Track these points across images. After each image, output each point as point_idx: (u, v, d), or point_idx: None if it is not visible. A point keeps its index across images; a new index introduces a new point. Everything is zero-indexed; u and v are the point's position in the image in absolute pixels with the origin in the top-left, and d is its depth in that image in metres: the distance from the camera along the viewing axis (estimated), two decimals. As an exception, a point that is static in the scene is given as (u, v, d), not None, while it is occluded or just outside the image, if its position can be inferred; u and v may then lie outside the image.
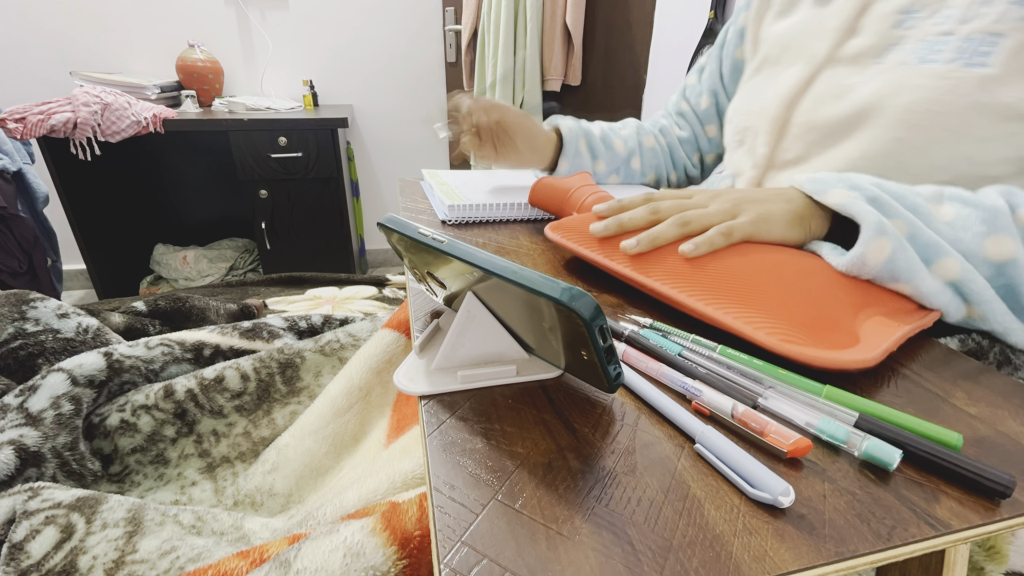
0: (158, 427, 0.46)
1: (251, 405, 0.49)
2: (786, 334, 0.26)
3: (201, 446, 0.47)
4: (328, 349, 0.52)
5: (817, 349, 0.25)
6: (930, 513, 0.18)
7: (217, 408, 0.48)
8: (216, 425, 0.48)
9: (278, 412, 0.49)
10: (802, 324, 0.26)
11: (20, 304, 0.55)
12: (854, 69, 0.40)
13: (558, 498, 0.18)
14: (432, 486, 0.18)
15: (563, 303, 0.18)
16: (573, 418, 0.22)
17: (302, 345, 0.53)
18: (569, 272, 0.37)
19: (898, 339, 0.27)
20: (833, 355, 0.24)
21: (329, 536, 0.31)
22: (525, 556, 0.16)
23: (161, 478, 0.46)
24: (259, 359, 0.51)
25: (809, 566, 0.16)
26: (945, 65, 0.34)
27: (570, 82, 1.65)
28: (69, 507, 0.37)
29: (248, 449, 0.48)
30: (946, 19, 0.36)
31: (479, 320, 0.24)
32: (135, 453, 0.45)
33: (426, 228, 0.24)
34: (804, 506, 0.18)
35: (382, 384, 0.47)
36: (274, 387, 0.50)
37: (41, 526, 0.36)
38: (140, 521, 0.38)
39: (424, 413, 0.22)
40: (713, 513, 0.18)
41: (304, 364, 0.51)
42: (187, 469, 0.46)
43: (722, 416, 0.22)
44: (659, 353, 0.26)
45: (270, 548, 0.35)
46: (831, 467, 0.20)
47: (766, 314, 0.27)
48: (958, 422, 0.23)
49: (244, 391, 0.49)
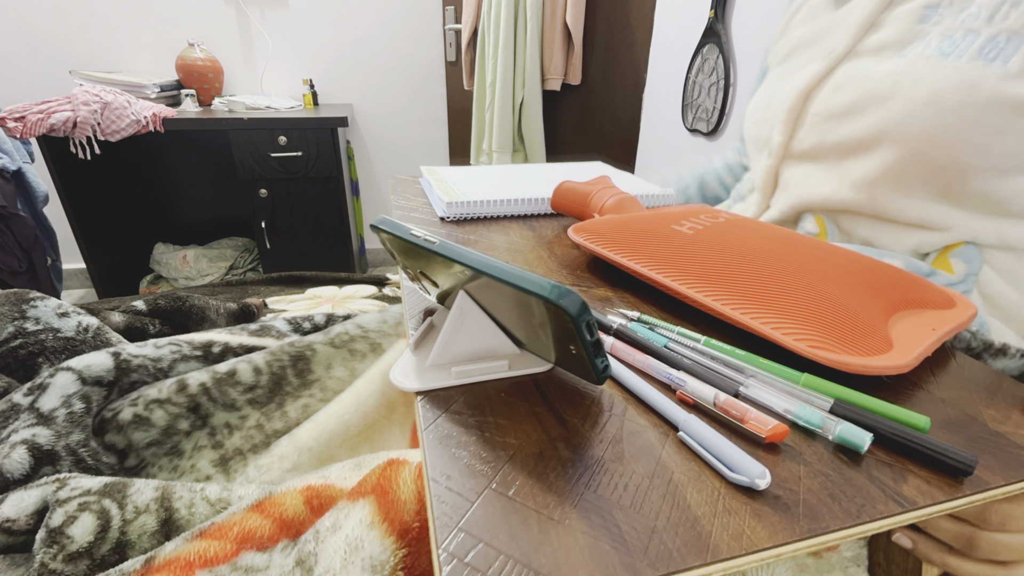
0: (172, 421, 0.47)
1: (264, 398, 0.49)
2: (817, 340, 0.25)
3: (214, 438, 0.48)
4: (338, 341, 0.53)
5: (849, 355, 0.25)
6: (898, 492, 0.19)
7: (230, 402, 0.48)
8: (229, 418, 0.49)
9: (291, 405, 0.50)
10: (833, 328, 0.26)
11: (20, 303, 0.56)
12: (874, 60, 0.40)
13: (549, 485, 0.19)
14: (430, 477, 0.19)
15: (551, 301, 0.19)
16: (563, 410, 0.23)
17: (312, 338, 0.53)
18: (574, 270, 0.38)
19: (933, 343, 0.26)
20: (864, 361, 0.24)
21: (333, 535, 0.32)
22: (518, 540, 0.17)
23: (175, 470, 0.47)
24: (271, 353, 0.52)
25: (783, 542, 0.17)
26: (968, 62, 0.35)
27: (570, 81, 1.66)
28: (99, 493, 0.38)
29: (261, 441, 0.49)
30: (973, 17, 0.36)
31: (471, 318, 0.25)
32: (151, 447, 0.46)
33: (418, 229, 0.25)
34: (780, 488, 0.19)
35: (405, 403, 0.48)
36: (286, 380, 0.50)
37: (77, 512, 0.37)
38: (170, 504, 0.39)
39: (420, 409, 0.23)
40: (695, 496, 0.19)
41: (315, 357, 0.52)
42: (200, 460, 0.47)
43: (705, 404, 0.23)
44: (645, 345, 0.27)
45: (285, 503, 0.37)
46: (807, 451, 0.21)
47: (797, 319, 0.27)
48: (929, 406, 0.24)
49: (257, 384, 0.49)
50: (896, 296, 0.31)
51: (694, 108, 1.22)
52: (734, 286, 0.30)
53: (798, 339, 0.26)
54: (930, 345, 0.26)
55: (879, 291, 0.31)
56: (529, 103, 1.62)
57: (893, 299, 0.31)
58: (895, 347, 0.26)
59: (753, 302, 0.28)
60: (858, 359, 0.24)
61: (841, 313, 0.28)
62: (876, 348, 0.26)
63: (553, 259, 0.40)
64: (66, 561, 0.36)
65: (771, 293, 0.29)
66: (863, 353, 0.25)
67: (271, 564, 0.35)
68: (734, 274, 0.31)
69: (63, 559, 0.36)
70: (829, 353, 0.24)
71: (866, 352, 0.25)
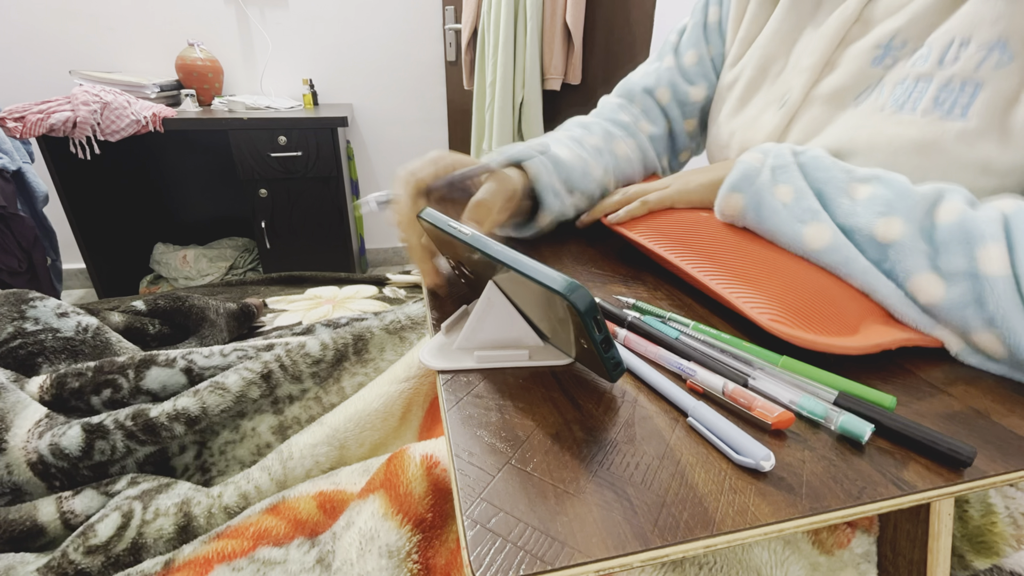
0: (245, 388, 0.50)
1: (325, 373, 0.53)
2: (780, 316, 0.28)
3: (276, 405, 0.51)
4: (392, 328, 0.57)
5: (804, 332, 0.27)
6: (899, 477, 0.20)
7: (297, 374, 0.52)
8: (292, 389, 0.52)
9: (347, 381, 0.53)
10: (799, 310, 0.28)
11: (20, 303, 0.57)
12: (828, 109, 0.39)
13: (565, 463, 0.20)
14: (453, 453, 0.20)
15: (562, 294, 0.20)
16: (578, 396, 0.24)
17: (369, 323, 0.57)
18: (586, 266, 0.39)
19: (900, 340, 0.28)
20: (816, 338, 0.26)
21: (347, 531, 0.33)
22: (536, 510, 0.18)
23: (237, 430, 0.50)
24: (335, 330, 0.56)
25: (785, 519, 0.18)
26: (923, 117, 0.33)
27: (570, 81, 1.67)
28: (133, 497, 0.41)
29: (317, 413, 0.52)
30: (923, 59, 0.34)
31: (498, 307, 0.27)
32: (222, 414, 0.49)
33: (455, 222, 0.26)
34: (785, 470, 0.20)
35: None
36: (347, 358, 0.54)
37: (110, 511, 0.40)
38: (189, 510, 0.41)
39: (443, 390, 0.24)
40: (702, 476, 0.20)
41: (373, 339, 0.56)
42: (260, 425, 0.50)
43: (714, 393, 0.24)
44: (658, 337, 0.28)
45: (299, 507, 0.38)
46: (812, 438, 0.22)
47: (771, 298, 0.29)
48: (935, 400, 0.25)
49: (323, 359, 0.53)
50: None
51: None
52: (725, 266, 0.32)
53: (761, 313, 0.28)
54: (894, 340, 0.28)
55: None
56: (529, 103, 1.63)
57: None
58: (859, 333, 0.28)
59: (736, 280, 0.31)
60: (810, 335, 0.26)
61: (818, 299, 0.29)
62: (839, 331, 0.27)
63: (567, 255, 0.41)
64: (85, 553, 0.37)
65: (755, 275, 0.31)
66: (821, 333, 0.27)
67: (288, 558, 0.36)
68: (730, 256, 0.33)
69: (83, 551, 0.36)
70: (783, 327, 0.27)
71: (826, 333, 0.27)
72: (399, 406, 0.47)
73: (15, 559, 0.37)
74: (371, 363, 0.54)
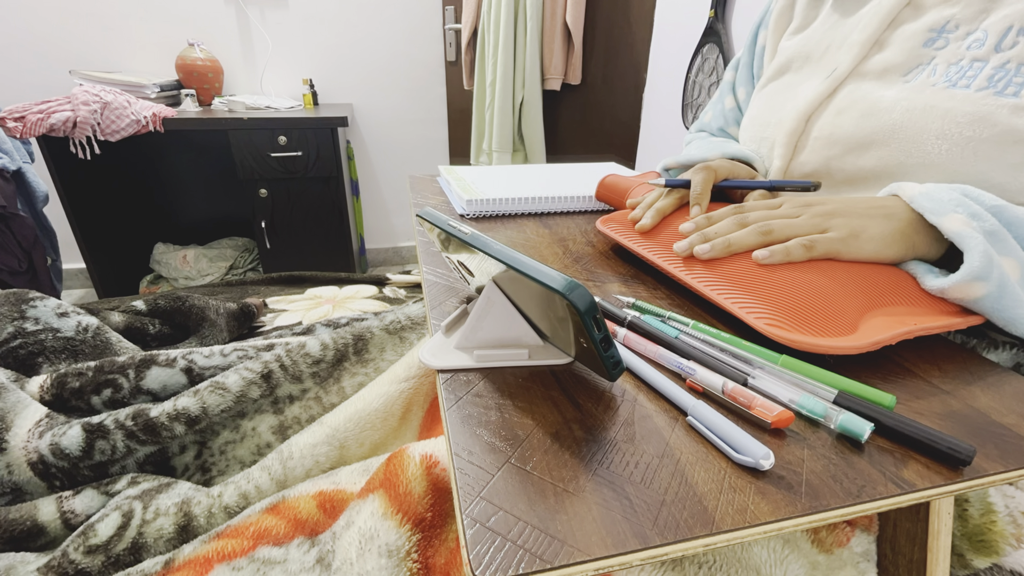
0: (245, 388, 0.49)
1: (325, 373, 0.53)
2: (776, 319, 0.28)
3: (276, 405, 0.51)
4: (392, 328, 0.57)
5: (801, 335, 0.27)
6: (898, 475, 0.20)
7: (297, 374, 0.51)
8: (292, 389, 0.51)
9: (347, 381, 0.53)
10: (797, 312, 0.28)
11: (20, 303, 0.57)
12: (879, 84, 0.39)
13: (564, 462, 0.20)
14: (453, 451, 0.20)
15: (562, 293, 0.20)
16: (578, 395, 0.24)
17: (369, 323, 0.57)
18: (587, 266, 0.39)
19: (900, 335, 0.28)
20: (813, 340, 0.26)
21: (347, 530, 0.33)
22: (536, 508, 0.18)
23: (237, 430, 0.49)
24: (335, 330, 0.56)
25: (784, 518, 0.18)
26: (976, 92, 0.34)
27: (570, 81, 1.67)
28: (134, 497, 0.41)
29: (317, 413, 0.51)
30: (979, 43, 0.35)
31: (498, 306, 0.27)
32: (222, 414, 0.49)
33: (455, 221, 0.27)
34: (784, 469, 0.20)
35: None
36: (347, 358, 0.54)
37: (110, 511, 0.40)
38: (189, 509, 0.41)
39: (443, 389, 0.24)
40: (702, 475, 0.20)
41: (373, 339, 0.55)
42: (261, 424, 0.50)
43: (713, 392, 0.24)
44: (657, 336, 0.28)
45: (299, 506, 0.38)
46: (811, 437, 0.22)
47: (768, 302, 0.29)
48: (934, 399, 0.25)
49: (323, 359, 0.53)
50: (893, 294, 0.32)
51: (694, 108, 1.23)
52: (721, 272, 0.32)
53: (758, 317, 0.28)
54: (895, 335, 0.28)
55: (876, 287, 0.32)
56: (529, 103, 1.63)
57: (887, 295, 0.32)
58: (858, 332, 0.28)
59: (733, 286, 0.31)
60: (808, 338, 0.26)
61: (814, 300, 0.29)
62: (838, 330, 0.27)
63: (568, 256, 0.41)
64: (85, 553, 0.37)
65: (752, 280, 0.31)
66: (820, 334, 0.27)
67: (288, 557, 0.36)
68: (725, 263, 0.33)
69: (84, 551, 0.37)
70: (780, 330, 0.27)
71: (825, 333, 0.27)
72: (399, 406, 0.47)
73: (15, 559, 0.37)
74: (371, 363, 0.54)
